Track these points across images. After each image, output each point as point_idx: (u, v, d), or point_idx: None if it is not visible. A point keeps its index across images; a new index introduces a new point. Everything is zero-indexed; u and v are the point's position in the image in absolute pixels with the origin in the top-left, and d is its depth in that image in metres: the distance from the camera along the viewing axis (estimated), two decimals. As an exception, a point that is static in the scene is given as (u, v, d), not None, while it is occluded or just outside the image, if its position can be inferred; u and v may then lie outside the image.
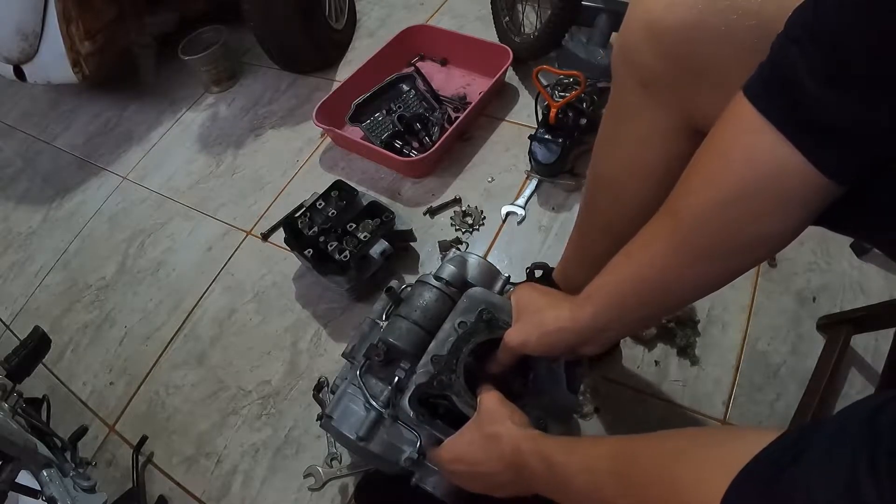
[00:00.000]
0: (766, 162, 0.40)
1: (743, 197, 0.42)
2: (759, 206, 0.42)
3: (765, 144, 0.40)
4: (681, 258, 0.47)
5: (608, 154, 0.67)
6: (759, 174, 0.41)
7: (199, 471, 1.00)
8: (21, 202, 1.57)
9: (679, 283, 0.49)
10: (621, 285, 0.53)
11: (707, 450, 0.36)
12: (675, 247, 0.47)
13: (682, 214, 0.47)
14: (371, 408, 0.72)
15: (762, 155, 0.40)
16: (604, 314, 0.55)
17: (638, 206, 0.65)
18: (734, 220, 0.43)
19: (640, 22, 0.52)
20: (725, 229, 0.44)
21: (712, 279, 0.49)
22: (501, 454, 0.55)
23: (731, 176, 0.42)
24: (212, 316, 1.20)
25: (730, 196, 0.42)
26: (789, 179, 0.39)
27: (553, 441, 0.52)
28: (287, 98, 1.60)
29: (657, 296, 0.52)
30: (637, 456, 0.42)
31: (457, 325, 0.70)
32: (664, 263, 0.49)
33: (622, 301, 0.53)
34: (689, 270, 0.48)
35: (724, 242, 0.45)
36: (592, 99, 1.21)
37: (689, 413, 0.91)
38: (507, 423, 0.56)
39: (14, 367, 0.89)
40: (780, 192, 0.41)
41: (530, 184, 1.24)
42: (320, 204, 1.13)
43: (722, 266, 0.47)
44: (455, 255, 0.84)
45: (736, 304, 1.00)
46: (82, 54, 1.43)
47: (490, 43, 1.44)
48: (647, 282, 0.51)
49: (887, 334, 0.84)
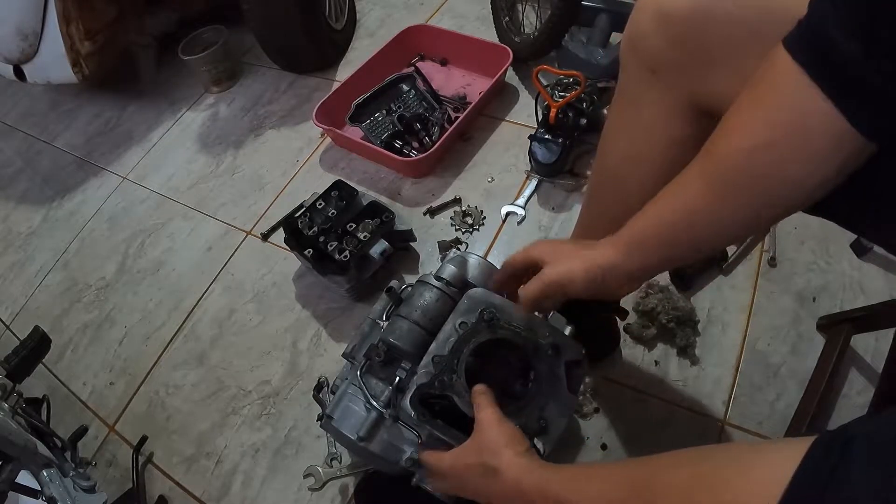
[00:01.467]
0: (799, 107, 0.41)
1: (775, 139, 0.43)
2: (790, 150, 0.42)
3: (798, 91, 0.40)
4: (710, 199, 0.48)
5: (614, 142, 0.68)
6: (791, 118, 0.42)
7: (199, 471, 1.00)
8: (21, 202, 1.57)
9: (705, 225, 0.50)
10: (649, 226, 0.54)
11: (735, 477, 0.34)
12: (707, 189, 0.48)
13: (719, 154, 0.47)
14: (371, 408, 0.72)
15: (796, 101, 0.41)
16: (634, 253, 0.55)
17: (642, 195, 0.66)
18: (767, 161, 0.44)
19: (651, 9, 0.54)
20: (758, 170, 0.45)
21: (738, 224, 0.50)
22: (502, 490, 0.53)
23: (766, 119, 0.43)
24: (212, 316, 1.20)
25: (763, 138, 0.43)
26: (820, 126, 0.40)
27: (557, 474, 0.50)
28: (287, 98, 1.60)
29: (683, 237, 0.52)
30: (654, 485, 0.40)
31: (457, 325, 0.70)
32: (693, 204, 0.50)
33: (650, 241, 0.54)
34: (716, 213, 0.49)
35: (757, 183, 0.45)
36: (592, 99, 1.21)
37: (689, 413, 0.91)
38: (506, 454, 0.54)
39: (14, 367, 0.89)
40: (810, 137, 0.41)
41: (530, 184, 1.24)
42: (320, 204, 1.13)
43: (755, 208, 0.48)
44: (455, 255, 0.84)
45: (736, 304, 1.00)
46: (82, 54, 1.43)
47: (490, 43, 1.44)
48: (679, 223, 0.51)
49: (887, 334, 0.84)
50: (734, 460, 0.36)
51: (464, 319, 0.70)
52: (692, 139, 0.59)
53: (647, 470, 0.42)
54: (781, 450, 0.32)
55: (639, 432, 0.91)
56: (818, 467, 0.30)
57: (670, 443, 0.89)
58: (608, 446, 0.90)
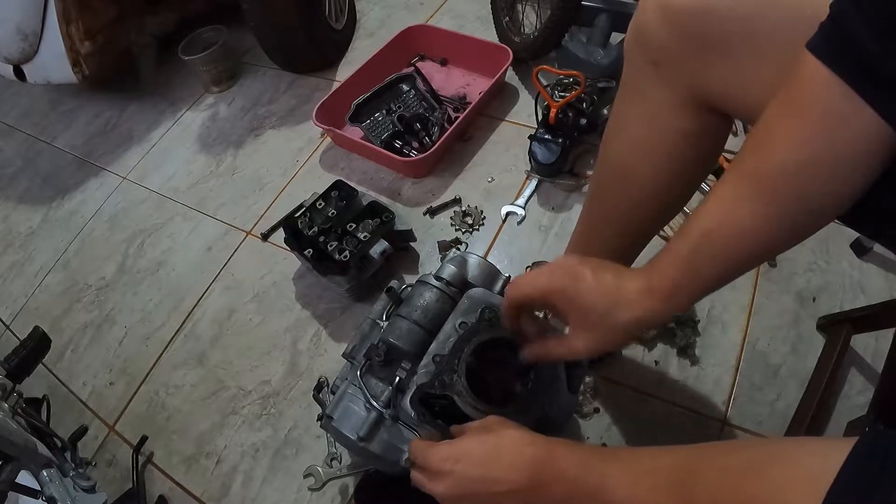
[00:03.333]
0: (840, 116, 0.40)
1: (823, 152, 0.42)
2: (838, 161, 0.42)
3: (837, 100, 0.40)
4: (765, 221, 0.46)
5: (618, 136, 0.68)
6: (835, 129, 0.41)
7: (199, 471, 1.00)
8: (21, 202, 1.57)
9: (760, 246, 0.48)
10: (703, 264, 0.49)
11: (782, 467, 0.33)
12: (759, 211, 0.46)
13: (765, 176, 0.45)
14: (372, 408, 0.72)
15: (835, 110, 0.40)
16: (687, 297, 0.51)
17: (645, 188, 0.67)
18: (817, 174, 0.43)
19: (655, 3, 0.55)
20: (810, 188, 0.44)
21: (789, 239, 0.48)
22: (521, 457, 0.48)
23: (811, 131, 0.42)
24: (212, 316, 1.20)
25: (810, 151, 0.42)
26: (862, 133, 0.40)
27: (590, 448, 0.48)
28: (287, 98, 1.60)
29: (737, 263, 0.49)
30: (698, 473, 0.38)
31: (458, 325, 0.70)
32: (748, 229, 0.47)
33: (704, 281, 0.50)
34: (771, 233, 0.47)
35: (808, 201, 0.44)
36: (592, 99, 1.21)
37: (689, 413, 0.91)
38: (526, 430, 0.51)
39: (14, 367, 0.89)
40: (855, 146, 0.41)
41: (530, 184, 1.24)
42: (320, 204, 1.13)
43: (803, 228, 0.47)
44: (455, 255, 0.84)
45: (736, 304, 1.00)
46: (82, 54, 1.43)
47: (490, 43, 1.44)
48: (729, 251, 0.49)
49: (887, 334, 0.84)
50: (778, 452, 0.35)
51: (464, 319, 0.70)
52: (695, 132, 0.60)
53: (689, 458, 0.40)
54: (827, 444, 0.32)
55: (639, 432, 0.91)
56: (866, 463, 0.29)
57: (670, 443, 0.89)
58: (608, 446, 0.90)
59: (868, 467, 0.29)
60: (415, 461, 0.58)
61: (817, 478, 0.30)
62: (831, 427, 0.86)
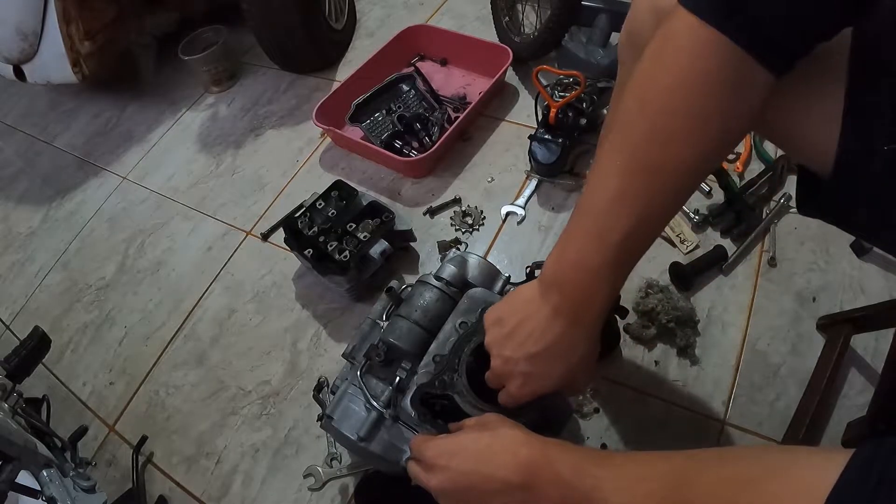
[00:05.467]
0: (692, 48, 0.44)
1: (684, 83, 0.44)
2: (699, 87, 0.44)
3: (698, 37, 0.43)
4: (655, 141, 0.47)
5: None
6: (689, 59, 0.44)
7: (199, 471, 1.00)
8: (21, 202, 1.57)
9: (661, 169, 0.47)
10: (580, 219, 0.51)
11: (779, 480, 0.33)
12: (644, 133, 0.47)
13: (619, 120, 0.49)
14: (372, 408, 0.72)
15: (689, 42, 0.44)
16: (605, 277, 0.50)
17: None
18: (686, 101, 0.45)
19: (646, 5, 0.56)
20: (681, 110, 0.45)
21: (688, 165, 0.48)
22: (515, 457, 0.48)
23: (674, 61, 0.45)
24: (212, 316, 1.20)
25: (678, 80, 0.45)
26: (720, 64, 0.43)
27: (586, 451, 0.47)
28: (287, 98, 1.60)
29: (647, 194, 0.48)
30: (694, 481, 0.38)
31: (458, 325, 0.70)
32: (640, 153, 0.48)
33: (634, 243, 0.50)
34: (663, 154, 0.47)
35: (680, 121, 0.46)
36: (592, 99, 1.21)
37: (689, 413, 0.91)
38: (522, 429, 0.51)
39: (14, 367, 0.89)
40: (708, 69, 0.43)
41: (530, 184, 1.24)
42: (320, 204, 1.13)
43: (686, 149, 0.46)
44: (455, 255, 0.84)
45: (736, 304, 1.00)
46: (82, 54, 1.43)
47: (490, 43, 1.44)
48: (635, 176, 0.48)
49: (887, 334, 0.84)
50: (774, 464, 0.35)
51: (464, 319, 0.70)
52: None
53: (689, 464, 0.40)
54: (825, 456, 0.32)
55: (639, 432, 0.91)
56: (863, 478, 0.29)
57: (670, 443, 0.89)
58: (608, 446, 0.90)
59: (864, 482, 0.29)
60: (413, 454, 0.59)
61: (814, 492, 0.30)
62: (831, 427, 0.86)
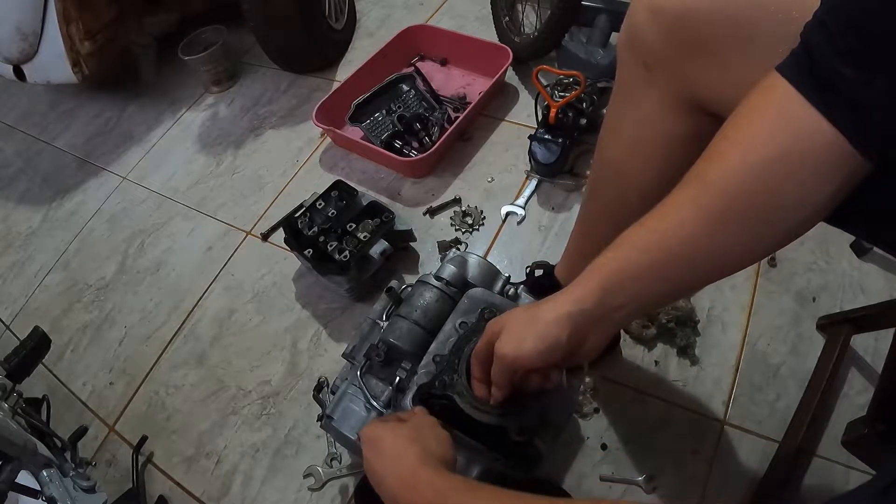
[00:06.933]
0: (796, 127, 0.41)
1: (774, 160, 0.42)
2: (789, 171, 0.41)
3: (795, 110, 0.40)
4: (707, 225, 0.45)
5: (612, 138, 0.68)
6: (789, 138, 0.41)
7: (199, 471, 1.00)
8: (21, 202, 1.57)
9: (703, 254, 0.46)
10: (637, 257, 0.48)
11: None
12: (701, 212, 0.45)
13: (710, 178, 0.45)
14: (372, 408, 0.72)
15: (793, 120, 0.41)
16: (616, 289, 0.48)
17: (641, 189, 0.67)
18: (764, 184, 0.42)
19: (644, 5, 0.55)
20: (755, 193, 0.43)
21: (737, 252, 0.47)
22: (397, 467, 0.52)
23: (763, 139, 0.42)
24: (212, 316, 1.20)
25: (760, 158, 0.42)
26: (818, 145, 0.40)
27: (455, 480, 0.49)
28: (287, 98, 1.60)
29: (678, 269, 0.47)
30: None
31: (458, 325, 0.70)
32: (690, 231, 0.45)
33: (638, 274, 0.48)
34: (714, 239, 0.45)
35: (753, 208, 0.43)
36: (592, 99, 1.21)
37: (689, 413, 0.91)
38: (420, 445, 0.53)
39: (14, 367, 0.89)
40: (808, 157, 0.40)
41: (530, 184, 1.24)
42: (320, 204, 1.13)
43: (753, 234, 0.45)
44: (455, 255, 0.84)
45: (736, 304, 1.00)
46: (82, 54, 1.43)
47: (490, 43, 1.44)
48: (667, 251, 0.47)
49: (887, 334, 0.84)
50: None
51: (464, 319, 0.70)
52: (689, 134, 0.60)
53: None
54: None
55: (639, 432, 0.91)
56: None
57: (670, 442, 0.89)
58: (608, 446, 0.90)
59: None
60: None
61: None
62: (831, 427, 0.86)
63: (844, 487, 0.83)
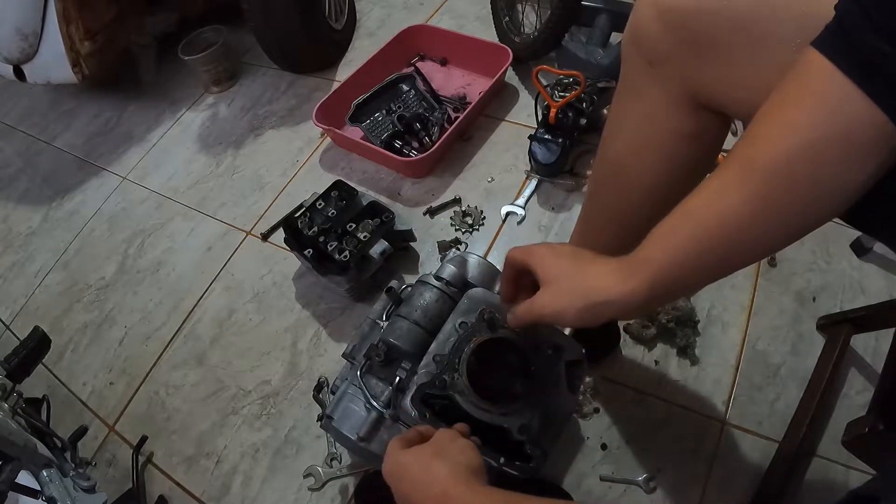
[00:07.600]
0: (839, 108, 0.40)
1: (818, 141, 0.41)
2: (833, 153, 0.41)
3: (837, 90, 0.40)
4: (755, 209, 0.45)
5: (616, 135, 0.68)
6: (832, 120, 0.41)
7: (199, 471, 1.00)
8: (21, 202, 1.57)
9: (751, 238, 0.46)
10: (685, 245, 0.48)
11: None
12: (749, 197, 0.45)
13: (757, 163, 0.44)
14: (372, 408, 0.72)
15: (836, 101, 0.40)
16: (664, 280, 0.49)
17: (643, 188, 0.67)
18: (812, 165, 0.42)
19: (650, 2, 0.55)
20: (803, 175, 0.42)
21: (782, 234, 0.47)
22: (432, 492, 0.51)
23: (806, 122, 0.42)
24: (212, 316, 1.20)
25: (807, 140, 0.42)
26: (861, 126, 0.39)
27: (486, 493, 0.49)
28: (287, 98, 1.60)
29: (726, 253, 0.47)
30: None
31: (458, 325, 0.70)
32: (737, 216, 0.45)
33: (685, 263, 0.48)
34: (762, 223, 0.45)
35: (801, 191, 0.43)
36: (592, 99, 1.21)
37: (689, 413, 0.91)
38: (447, 462, 0.53)
39: (14, 367, 0.89)
40: (852, 138, 0.40)
41: (530, 184, 1.24)
42: (320, 204, 1.13)
43: (800, 215, 0.45)
44: (455, 255, 0.84)
45: (736, 304, 1.00)
46: (82, 54, 1.43)
47: (490, 43, 1.44)
48: (715, 239, 0.46)
49: (887, 334, 0.84)
50: None
51: (464, 319, 0.70)
52: (692, 132, 0.60)
53: None
54: None
55: (639, 432, 0.91)
56: None
57: (670, 442, 0.89)
58: (608, 446, 0.90)
59: None
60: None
61: None
62: (831, 427, 0.86)
63: (844, 487, 0.83)
